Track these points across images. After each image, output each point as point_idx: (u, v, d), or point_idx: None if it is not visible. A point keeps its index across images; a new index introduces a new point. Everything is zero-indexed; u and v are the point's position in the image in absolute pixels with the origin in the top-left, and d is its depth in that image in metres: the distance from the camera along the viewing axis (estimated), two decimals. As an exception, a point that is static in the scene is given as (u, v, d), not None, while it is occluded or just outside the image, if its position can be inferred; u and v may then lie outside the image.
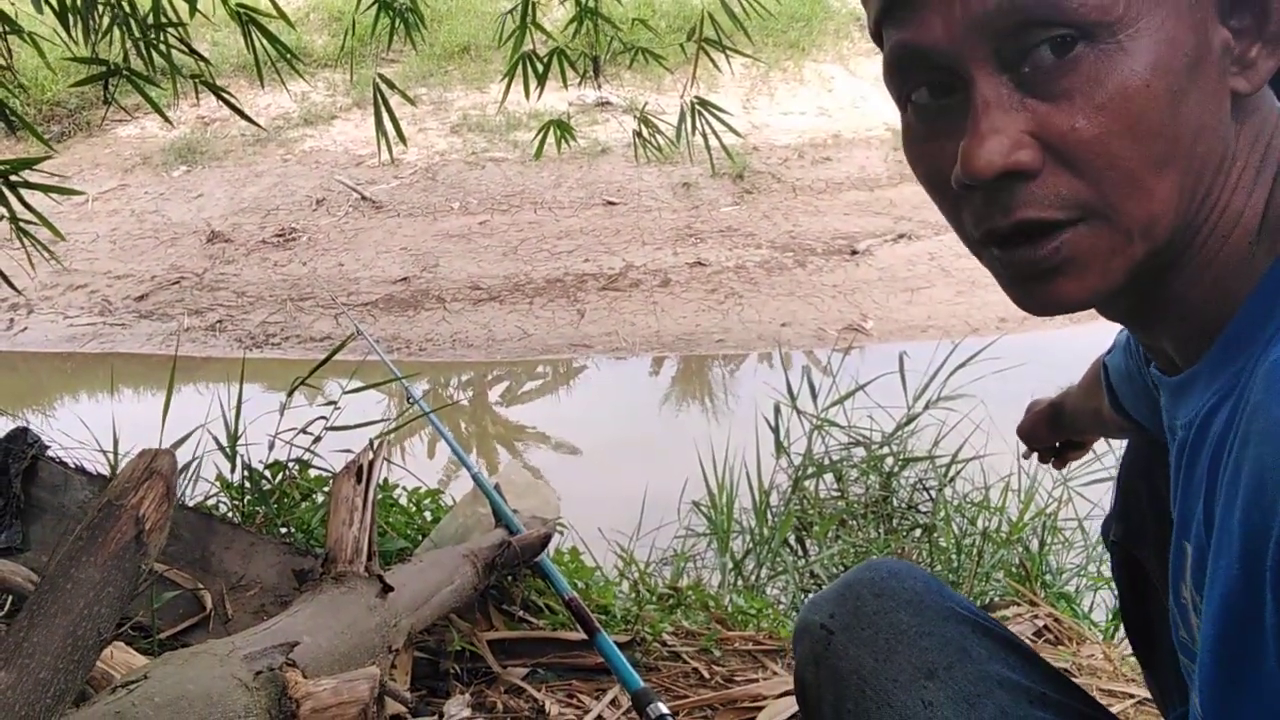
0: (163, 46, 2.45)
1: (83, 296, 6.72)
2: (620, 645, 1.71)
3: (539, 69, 2.89)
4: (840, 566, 3.03)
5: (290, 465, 2.31)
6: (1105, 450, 2.68)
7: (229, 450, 2.40)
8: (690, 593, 2.45)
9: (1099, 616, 2.62)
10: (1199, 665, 0.57)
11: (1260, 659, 0.52)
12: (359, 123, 8.81)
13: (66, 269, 6.79)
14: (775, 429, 3.51)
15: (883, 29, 0.67)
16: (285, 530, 2.19)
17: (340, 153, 8.50)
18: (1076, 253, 0.61)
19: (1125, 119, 0.58)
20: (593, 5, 2.95)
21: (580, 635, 1.86)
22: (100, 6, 2.39)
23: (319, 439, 2.37)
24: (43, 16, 2.28)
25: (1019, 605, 2.38)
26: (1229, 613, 0.54)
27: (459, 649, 1.89)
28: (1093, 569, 2.91)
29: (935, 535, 3.19)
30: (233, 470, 2.36)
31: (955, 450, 3.42)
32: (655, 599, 2.40)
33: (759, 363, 5.80)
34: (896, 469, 3.50)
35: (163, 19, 2.43)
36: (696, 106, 2.98)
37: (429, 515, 2.33)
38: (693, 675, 1.97)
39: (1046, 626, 2.25)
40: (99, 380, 5.62)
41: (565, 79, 2.95)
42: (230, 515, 2.24)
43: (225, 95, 2.50)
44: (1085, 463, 2.97)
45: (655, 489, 3.29)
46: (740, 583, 2.97)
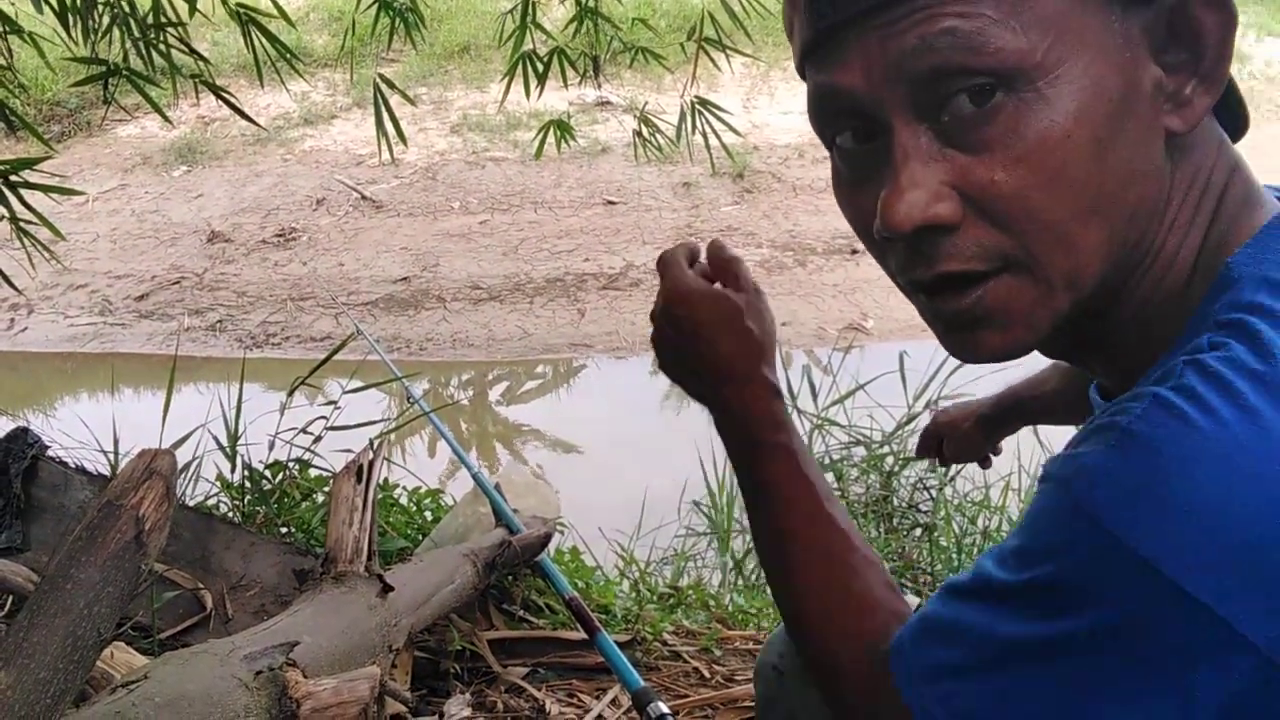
0: (163, 46, 2.45)
1: (83, 296, 6.72)
2: (620, 645, 1.71)
3: (539, 69, 2.89)
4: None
5: (290, 465, 2.31)
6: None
7: (229, 450, 2.40)
8: (691, 592, 2.45)
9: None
10: None
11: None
12: (359, 122, 8.81)
13: (67, 269, 6.78)
14: (776, 428, 3.51)
15: (805, 67, 0.65)
16: (285, 530, 2.19)
17: (340, 152, 8.50)
18: (998, 304, 0.61)
19: (1046, 171, 0.57)
20: (593, 5, 2.95)
21: (580, 635, 1.86)
22: (100, 6, 2.38)
23: (319, 439, 2.37)
24: (43, 16, 2.28)
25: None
26: None
27: (459, 648, 1.89)
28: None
29: (935, 535, 3.19)
30: (233, 470, 2.36)
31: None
32: (656, 598, 2.40)
33: (759, 362, 5.79)
34: (897, 468, 3.50)
35: (162, 19, 2.43)
36: (696, 106, 2.98)
37: (429, 515, 2.33)
38: (693, 675, 1.98)
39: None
40: (99, 380, 5.62)
41: (565, 79, 2.95)
42: (230, 515, 2.24)
43: (225, 95, 2.50)
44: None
45: (655, 488, 3.29)
46: (741, 582, 2.97)
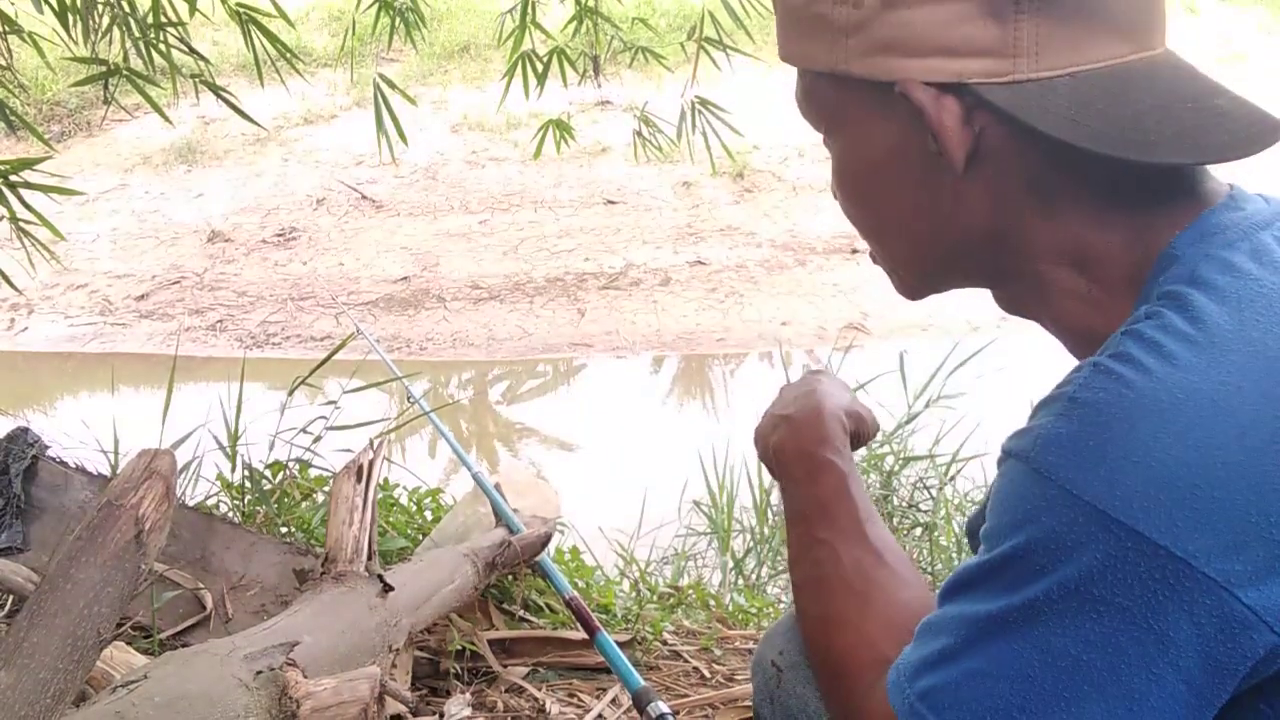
0: (163, 46, 2.45)
1: (83, 296, 6.72)
2: (621, 644, 1.71)
3: (539, 68, 2.89)
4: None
5: (290, 465, 2.31)
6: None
7: (229, 450, 2.39)
8: (691, 591, 2.45)
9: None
10: None
11: None
12: (359, 122, 8.81)
13: (67, 269, 6.78)
14: (776, 428, 3.51)
15: None
16: (285, 530, 2.19)
17: (340, 152, 8.49)
18: (882, 267, 0.82)
19: (840, 196, 0.79)
20: (592, 4, 2.95)
21: (581, 634, 1.86)
22: (100, 6, 2.38)
23: (319, 438, 2.36)
24: (43, 16, 2.28)
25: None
26: None
27: (459, 648, 1.88)
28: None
29: (936, 534, 3.19)
30: (233, 470, 2.36)
31: (956, 449, 3.41)
32: (656, 598, 2.40)
33: (759, 361, 5.80)
34: (897, 468, 3.50)
35: (162, 18, 2.43)
36: (697, 105, 2.98)
37: (429, 514, 2.32)
38: (693, 674, 1.98)
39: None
40: (99, 380, 5.62)
41: (565, 78, 2.95)
42: (230, 515, 2.24)
43: (225, 95, 2.50)
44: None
45: (656, 488, 3.30)
46: (741, 581, 2.97)
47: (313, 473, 2.33)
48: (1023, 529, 0.60)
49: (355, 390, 2.65)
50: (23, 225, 2.21)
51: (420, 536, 2.17)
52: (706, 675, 1.96)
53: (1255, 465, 0.57)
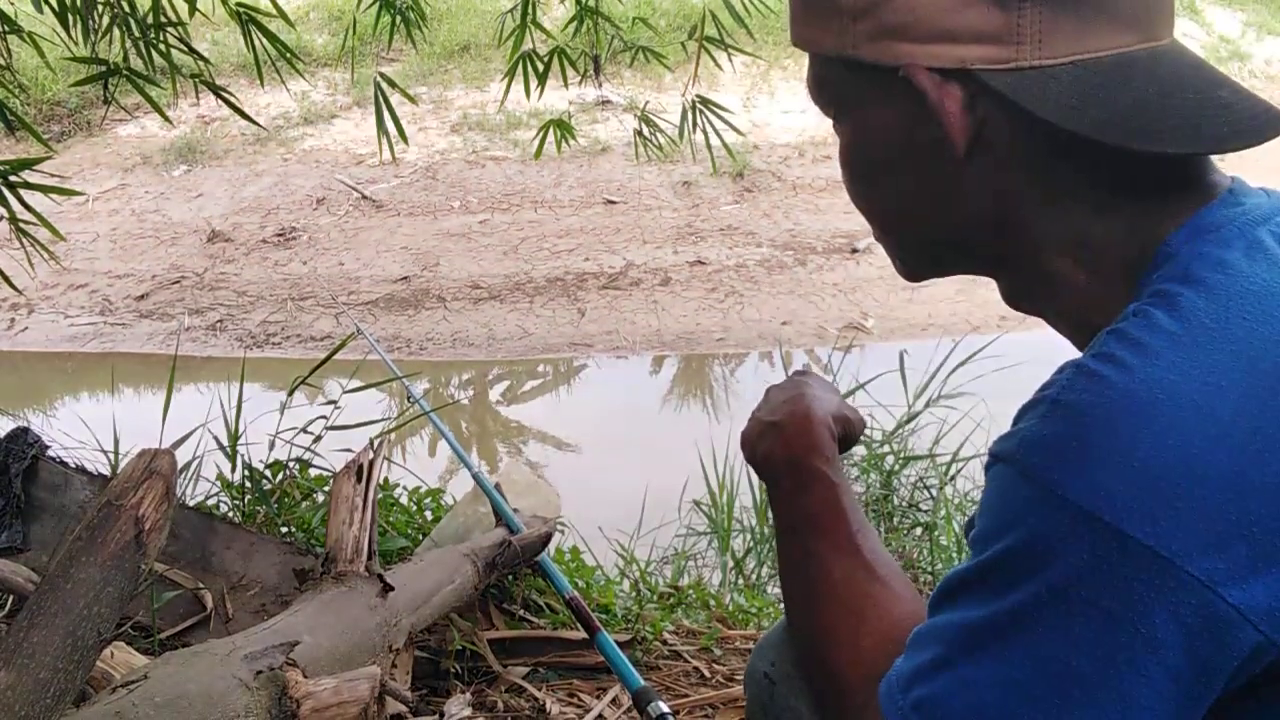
0: (163, 46, 2.45)
1: (83, 296, 6.72)
2: (621, 644, 1.71)
3: (539, 68, 2.89)
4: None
5: (291, 465, 2.31)
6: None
7: (229, 450, 2.39)
8: (691, 591, 2.45)
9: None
10: None
11: None
12: (359, 122, 8.80)
13: (67, 269, 6.78)
14: (776, 427, 3.50)
15: None
16: (286, 530, 2.19)
17: (340, 152, 8.49)
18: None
19: (847, 178, 0.79)
20: (593, 4, 2.95)
21: (581, 634, 1.86)
22: (100, 6, 2.38)
23: (319, 438, 2.36)
24: (43, 16, 2.28)
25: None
26: None
27: (459, 648, 1.88)
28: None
29: (936, 534, 3.19)
30: (233, 470, 2.36)
31: (956, 449, 3.41)
32: (656, 598, 2.40)
33: (760, 361, 5.80)
34: (897, 467, 3.50)
35: (162, 18, 2.43)
36: (697, 105, 2.98)
37: (429, 514, 2.33)
38: (693, 674, 1.98)
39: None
40: (99, 380, 5.62)
41: (566, 78, 2.95)
42: (231, 515, 2.24)
43: (225, 95, 2.50)
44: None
45: (656, 488, 3.29)
46: (741, 581, 2.97)
47: (313, 473, 2.33)
48: (1009, 532, 0.61)
49: (355, 390, 2.65)
50: (22, 225, 2.21)
51: (420, 536, 2.17)
52: (706, 675, 1.96)
53: (1236, 464, 0.57)
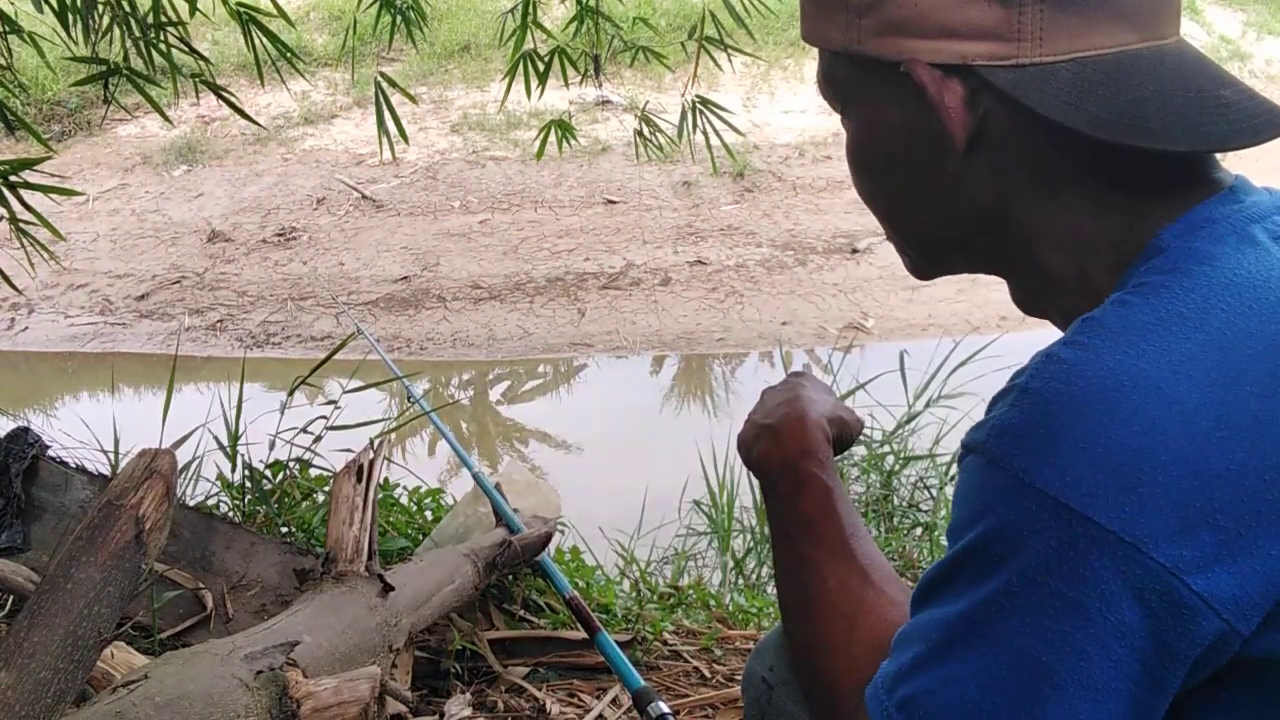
0: (163, 46, 2.45)
1: (83, 296, 6.71)
2: (621, 644, 1.71)
3: (540, 68, 2.89)
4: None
5: (291, 465, 2.31)
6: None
7: (229, 450, 2.39)
8: (691, 591, 2.45)
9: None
10: None
11: None
12: (359, 122, 8.80)
13: (67, 269, 6.78)
14: (776, 427, 3.50)
15: None
16: (286, 530, 2.19)
17: (341, 152, 8.49)
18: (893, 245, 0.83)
19: (853, 173, 0.81)
20: (593, 4, 2.95)
21: (581, 634, 1.86)
22: (100, 6, 2.38)
23: (319, 438, 2.36)
24: (43, 16, 2.28)
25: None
26: None
27: (460, 648, 1.88)
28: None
29: (936, 534, 3.19)
30: (233, 470, 2.36)
31: (956, 449, 3.41)
32: (656, 598, 2.40)
33: (760, 361, 5.80)
34: (897, 467, 3.50)
35: (163, 18, 2.43)
36: (697, 105, 2.98)
37: (430, 514, 2.33)
38: (694, 674, 1.98)
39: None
40: (99, 380, 5.62)
41: (566, 78, 2.95)
42: (231, 515, 2.24)
43: (225, 94, 2.50)
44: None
45: (656, 488, 3.29)
46: (741, 581, 2.97)
47: (313, 473, 2.33)
48: (980, 520, 0.61)
49: (355, 390, 2.65)
50: (22, 225, 2.21)
51: (420, 536, 2.17)
52: (706, 675, 1.96)
53: (1200, 452, 0.57)
